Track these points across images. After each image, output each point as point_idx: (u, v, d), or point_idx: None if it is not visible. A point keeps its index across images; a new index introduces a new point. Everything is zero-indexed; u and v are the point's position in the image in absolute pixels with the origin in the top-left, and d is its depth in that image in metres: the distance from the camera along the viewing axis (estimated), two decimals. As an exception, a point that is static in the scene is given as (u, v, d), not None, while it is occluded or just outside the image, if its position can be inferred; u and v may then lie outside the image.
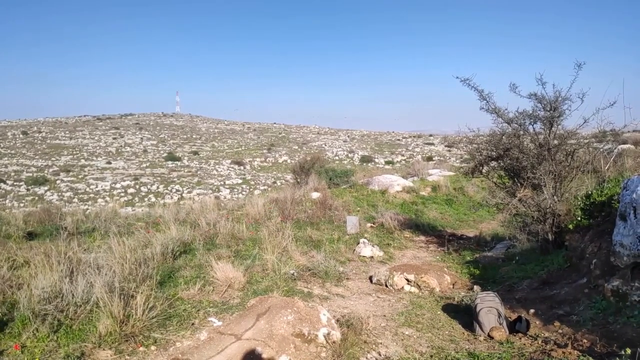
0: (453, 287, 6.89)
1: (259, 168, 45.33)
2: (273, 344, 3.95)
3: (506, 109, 7.97)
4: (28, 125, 65.63)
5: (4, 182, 34.01)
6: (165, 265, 6.44)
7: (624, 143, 15.41)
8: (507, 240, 9.23)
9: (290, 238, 7.71)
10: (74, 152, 47.66)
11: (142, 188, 33.90)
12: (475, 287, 6.63)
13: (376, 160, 47.81)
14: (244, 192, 31.47)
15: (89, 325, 4.33)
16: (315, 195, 12.78)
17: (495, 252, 8.74)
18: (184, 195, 31.38)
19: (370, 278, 7.15)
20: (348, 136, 67.31)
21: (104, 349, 4.03)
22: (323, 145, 57.36)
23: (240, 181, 37.01)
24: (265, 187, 33.65)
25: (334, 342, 4.27)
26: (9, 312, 4.44)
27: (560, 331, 4.70)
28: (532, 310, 5.38)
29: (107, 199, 28.83)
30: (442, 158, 43.97)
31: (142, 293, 4.58)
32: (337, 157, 48.60)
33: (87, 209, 13.34)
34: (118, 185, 34.12)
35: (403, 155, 50.74)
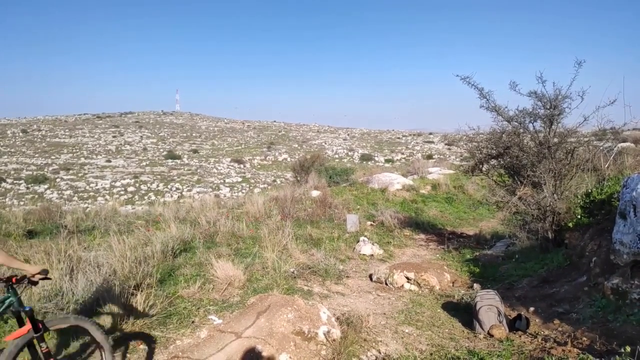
0: (453, 285, 6.89)
1: (259, 166, 45.32)
2: (273, 342, 3.95)
3: (506, 107, 7.97)
4: (28, 123, 65.59)
5: (4, 181, 34.00)
6: (165, 264, 6.45)
7: (624, 141, 15.40)
8: (507, 238, 9.24)
9: (290, 236, 7.72)
10: (74, 151, 47.63)
11: (142, 186, 33.89)
12: (475, 285, 6.63)
13: (376, 158, 47.81)
14: (243, 191, 31.45)
15: (89, 323, 4.33)
16: (315, 193, 12.79)
17: (495, 251, 8.75)
18: (183, 193, 31.37)
19: (370, 276, 7.15)
20: (348, 134, 67.29)
21: (104, 347, 4.03)
22: (323, 144, 57.35)
23: (240, 179, 37.01)
24: (265, 185, 33.64)
25: (334, 340, 4.27)
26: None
27: (560, 329, 4.70)
28: (532, 308, 5.38)
29: (107, 197, 28.82)
30: (442, 156, 43.95)
31: (142, 291, 4.59)
32: (337, 156, 48.59)
33: (87, 207, 13.34)
34: (118, 184, 34.11)
35: (403, 154, 50.74)
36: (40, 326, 3.01)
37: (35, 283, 3.13)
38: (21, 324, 3.00)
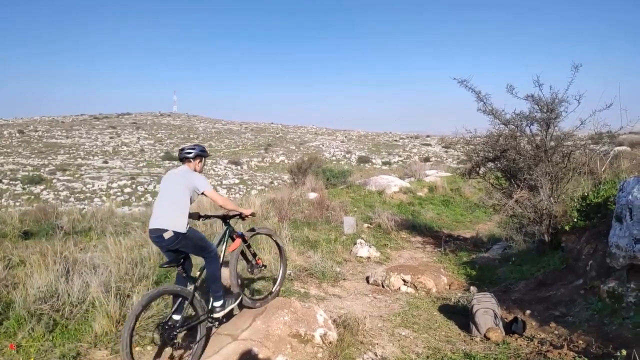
0: (449, 288, 6.90)
1: (256, 168, 45.27)
2: (269, 345, 3.94)
3: (503, 111, 8.00)
4: (24, 123, 65.33)
5: (0, 181, 33.86)
6: (161, 265, 6.42)
7: (620, 145, 15.47)
8: (503, 241, 9.25)
9: (287, 238, 7.71)
10: (71, 151, 47.48)
11: (138, 187, 33.79)
12: (472, 288, 6.64)
13: (373, 160, 47.85)
14: (241, 192, 31.41)
15: (84, 325, 4.32)
16: (312, 195, 12.78)
17: (492, 253, 8.76)
18: (181, 194, 31.23)
19: (367, 278, 7.15)
20: (345, 137, 67.32)
21: (99, 349, 4.02)
22: (320, 146, 57.35)
23: (237, 181, 36.96)
24: (263, 187, 33.59)
25: (330, 342, 4.26)
26: (5, 311, 4.41)
27: (556, 332, 4.71)
28: (528, 311, 5.39)
29: (104, 198, 28.71)
30: (439, 159, 44.05)
31: (138, 293, 4.57)
32: (334, 158, 48.59)
33: (84, 208, 13.29)
34: (115, 185, 34.00)
35: (400, 156, 50.78)
36: (246, 239, 4.56)
37: (244, 219, 4.59)
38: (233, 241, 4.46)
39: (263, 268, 4.82)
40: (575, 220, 6.52)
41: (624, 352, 3.35)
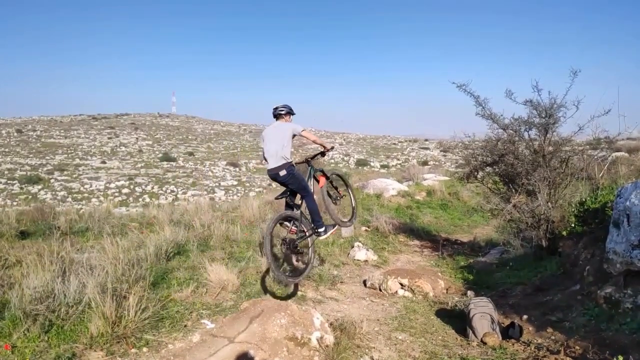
0: (447, 292, 6.90)
1: (255, 170, 45.20)
2: (266, 347, 3.93)
3: (502, 115, 8.01)
4: (23, 123, 65.19)
5: (-3, 180, 33.73)
6: (158, 267, 6.40)
7: (618, 151, 15.50)
8: (501, 245, 9.26)
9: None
10: (69, 151, 47.34)
11: (136, 188, 33.72)
12: (469, 293, 6.64)
13: (372, 163, 47.86)
14: (239, 194, 31.37)
15: (80, 326, 4.29)
16: (310, 198, 12.75)
17: (489, 258, 8.76)
18: (178, 196, 31.21)
19: (364, 282, 7.14)
20: (344, 139, 67.35)
21: (95, 350, 4.00)
22: (318, 148, 57.32)
23: (235, 183, 36.92)
24: (261, 189, 33.54)
25: (327, 345, 4.26)
26: (0, 311, 4.39)
27: (553, 337, 4.71)
28: (525, 316, 5.39)
29: (101, 198, 28.60)
30: (437, 163, 44.05)
31: (134, 294, 4.55)
32: (332, 160, 48.57)
33: (81, 208, 13.23)
34: (112, 185, 33.92)
35: (398, 159, 50.81)
36: (328, 176, 5.90)
37: (324, 155, 5.90)
38: (316, 180, 5.77)
39: (343, 197, 6.42)
40: (573, 225, 6.53)
41: (621, 358, 3.35)
